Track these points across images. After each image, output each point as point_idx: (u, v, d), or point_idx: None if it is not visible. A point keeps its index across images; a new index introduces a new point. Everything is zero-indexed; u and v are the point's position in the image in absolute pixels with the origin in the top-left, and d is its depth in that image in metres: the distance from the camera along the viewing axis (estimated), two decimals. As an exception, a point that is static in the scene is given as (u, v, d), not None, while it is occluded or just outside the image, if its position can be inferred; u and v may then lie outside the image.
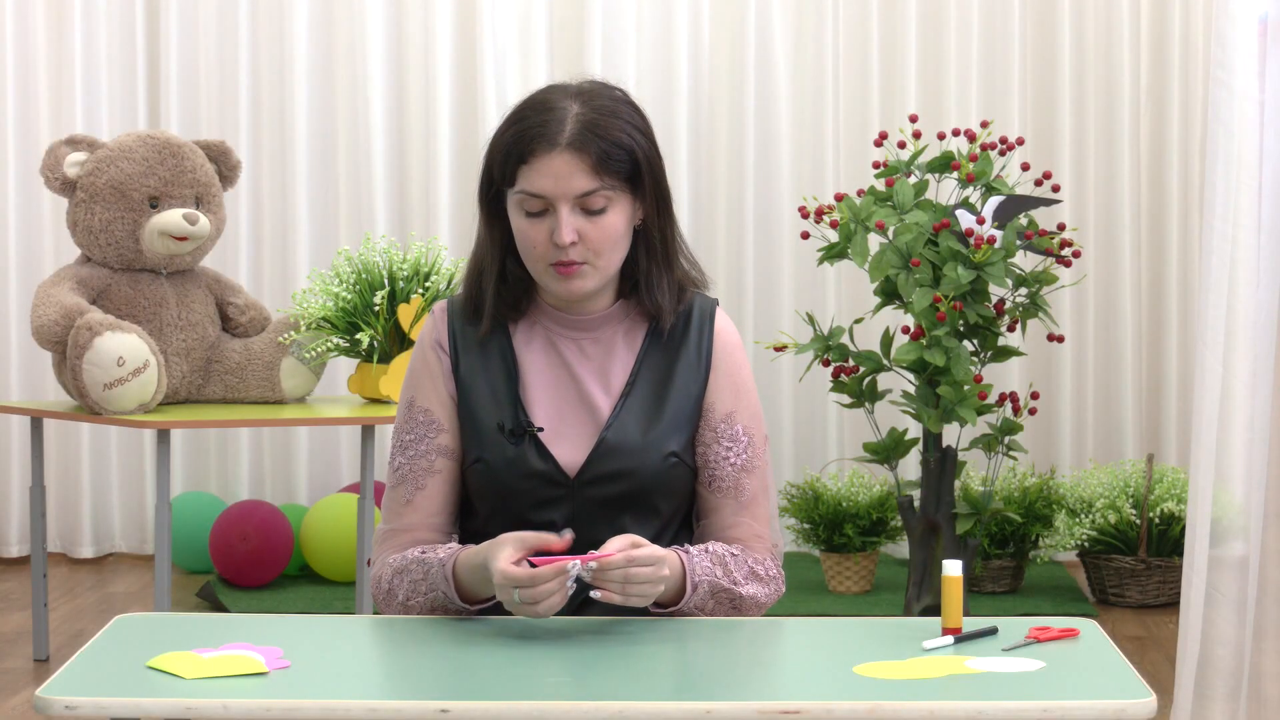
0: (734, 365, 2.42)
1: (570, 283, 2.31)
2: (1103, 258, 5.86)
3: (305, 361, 4.51)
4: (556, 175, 2.26)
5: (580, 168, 2.27)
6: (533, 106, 2.31)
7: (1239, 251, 3.42)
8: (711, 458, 2.39)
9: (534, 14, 5.91)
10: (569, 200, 2.27)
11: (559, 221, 2.27)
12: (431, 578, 2.28)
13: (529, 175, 2.28)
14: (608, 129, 2.28)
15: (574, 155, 2.26)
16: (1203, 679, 3.50)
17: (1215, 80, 3.41)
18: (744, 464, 2.39)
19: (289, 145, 5.94)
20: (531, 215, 2.30)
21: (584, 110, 2.29)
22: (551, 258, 2.30)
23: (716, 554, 2.32)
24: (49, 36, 5.96)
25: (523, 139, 2.28)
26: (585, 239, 2.29)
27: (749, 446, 2.39)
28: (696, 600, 2.28)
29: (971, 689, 1.96)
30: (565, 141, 2.26)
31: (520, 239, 2.32)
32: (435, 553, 2.31)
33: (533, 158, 2.27)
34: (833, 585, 5.34)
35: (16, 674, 4.53)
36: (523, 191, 2.29)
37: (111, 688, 1.95)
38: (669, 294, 2.39)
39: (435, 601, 2.29)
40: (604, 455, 2.34)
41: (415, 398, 2.41)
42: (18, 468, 5.94)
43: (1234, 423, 3.44)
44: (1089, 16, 5.85)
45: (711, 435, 2.39)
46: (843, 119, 5.88)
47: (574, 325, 2.40)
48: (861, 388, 4.57)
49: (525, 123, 2.29)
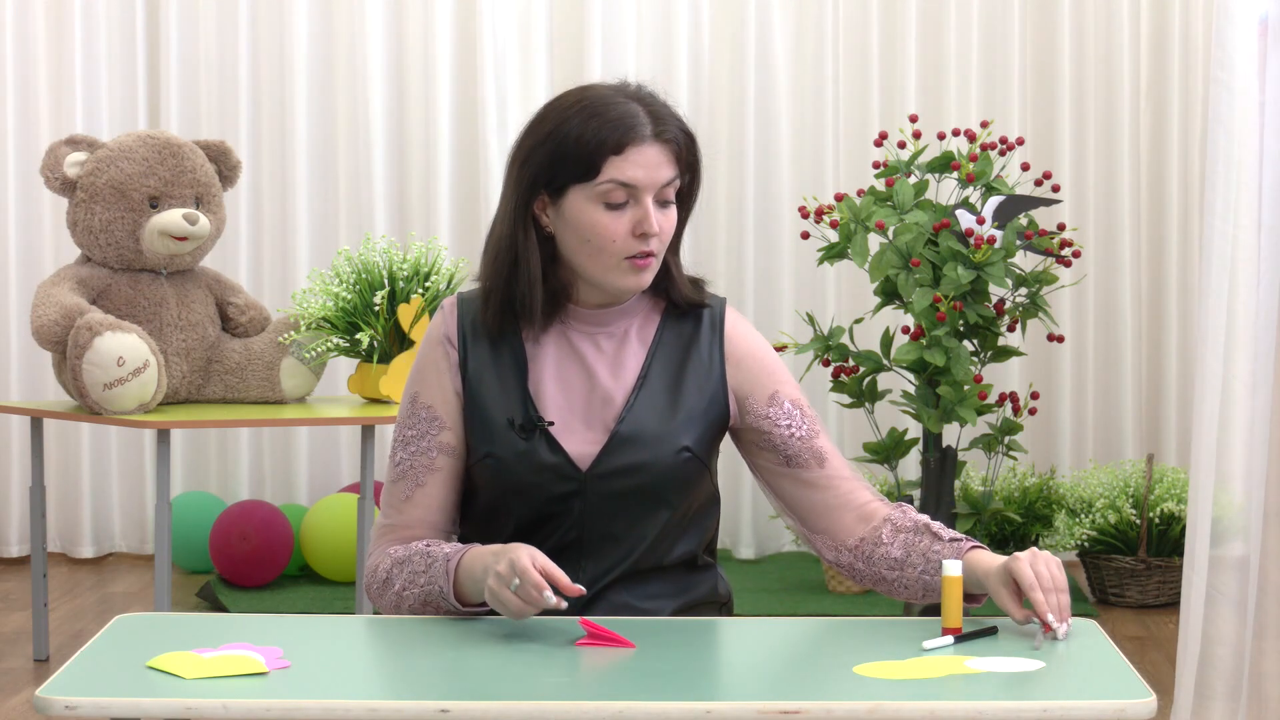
0: (756, 351, 2.44)
1: (643, 275, 2.34)
2: (1103, 258, 5.85)
3: (305, 361, 4.51)
4: (648, 165, 2.30)
5: (667, 158, 2.32)
6: (599, 102, 2.33)
7: (1239, 251, 3.43)
8: (778, 440, 2.40)
9: (534, 14, 5.91)
10: (655, 190, 2.32)
11: (646, 211, 2.31)
12: (433, 570, 2.28)
13: (621, 165, 2.29)
14: (679, 122, 2.35)
15: (663, 146, 2.31)
16: (1203, 679, 3.50)
17: (1215, 80, 3.41)
18: (808, 431, 2.41)
19: (289, 145, 5.94)
20: (612, 208, 2.31)
21: (648, 106, 2.33)
22: (629, 250, 2.32)
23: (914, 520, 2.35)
24: (49, 36, 5.96)
25: (611, 131, 2.29)
26: (661, 230, 2.33)
27: (803, 415, 2.41)
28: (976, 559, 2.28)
29: (971, 689, 1.96)
30: (653, 133, 2.31)
31: (597, 232, 2.31)
32: (441, 547, 2.31)
33: (627, 148, 2.29)
34: (833, 585, 5.34)
35: (16, 674, 4.53)
36: (612, 181, 2.30)
37: (111, 688, 1.95)
38: (689, 284, 2.43)
39: (429, 595, 2.28)
40: (617, 448, 2.34)
41: (419, 393, 2.41)
42: (18, 468, 5.94)
43: (1234, 423, 3.44)
44: (1089, 16, 5.85)
45: (768, 422, 2.40)
46: (843, 119, 5.88)
47: (588, 319, 2.40)
48: (861, 388, 4.57)
49: (603, 116, 2.30)
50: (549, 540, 2.33)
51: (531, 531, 2.34)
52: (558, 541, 2.34)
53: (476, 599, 2.24)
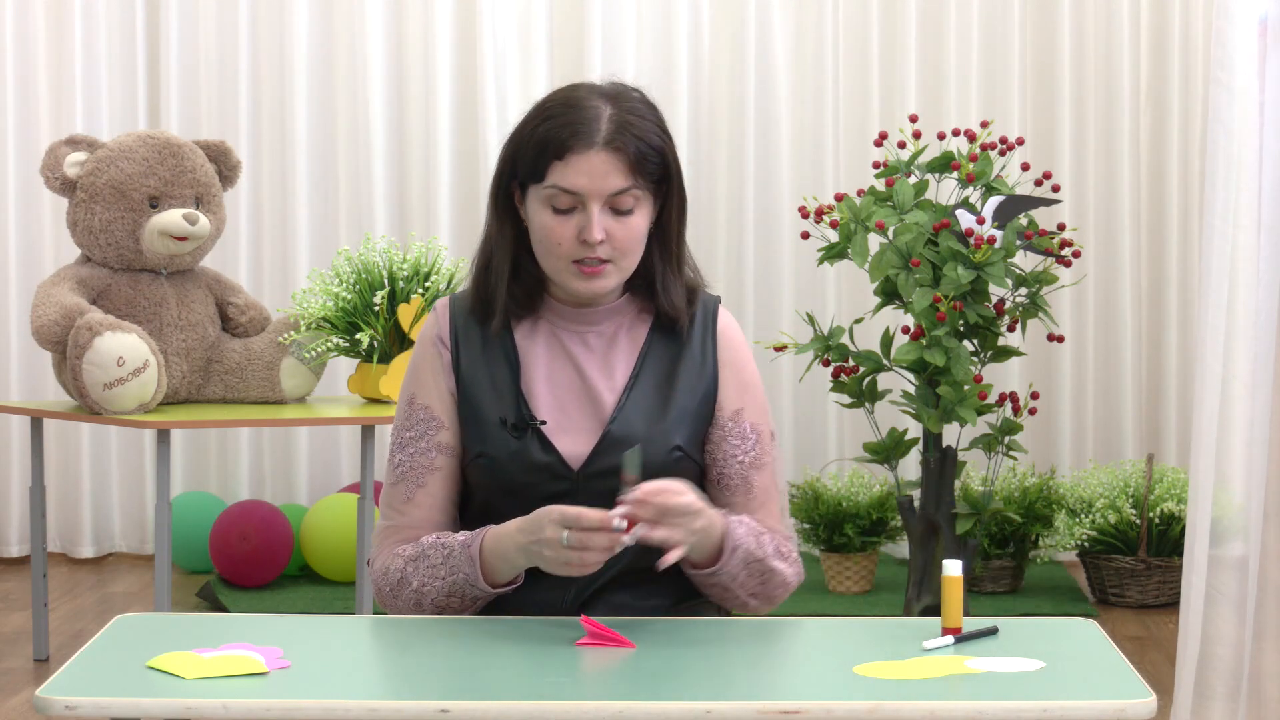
0: (739, 362, 2.43)
1: (593, 282, 2.32)
2: (1103, 258, 5.85)
3: (305, 361, 4.51)
4: (593, 173, 2.27)
5: (616, 167, 2.28)
6: (564, 103, 2.31)
7: (1239, 251, 3.43)
8: (720, 456, 2.39)
9: (534, 14, 5.91)
10: (601, 199, 2.28)
11: (590, 219, 2.28)
12: (453, 560, 2.28)
13: (564, 171, 2.28)
14: (642, 130, 2.30)
15: (611, 154, 2.28)
16: (1203, 679, 3.50)
17: (1215, 80, 3.41)
18: (752, 461, 2.39)
19: (289, 145, 5.94)
20: (559, 212, 2.30)
21: (616, 110, 2.30)
22: (576, 255, 2.30)
23: (751, 526, 2.33)
24: (49, 36, 5.96)
25: (559, 134, 2.28)
26: (612, 239, 2.30)
27: (757, 443, 2.40)
28: (733, 565, 2.28)
29: (971, 689, 1.96)
30: (603, 140, 2.28)
31: (544, 235, 2.32)
32: (454, 538, 2.31)
33: (570, 154, 2.28)
34: (833, 585, 5.34)
35: (16, 674, 4.53)
36: (555, 187, 2.29)
37: (111, 688, 1.95)
38: (682, 296, 2.40)
39: (453, 586, 2.28)
40: (609, 447, 2.33)
41: (415, 394, 2.41)
42: (18, 468, 5.94)
43: (1234, 423, 3.44)
44: (1089, 17, 5.85)
45: (720, 434, 2.40)
46: (843, 119, 5.88)
47: (578, 319, 2.40)
48: (861, 388, 4.57)
49: (559, 119, 2.29)
50: None
51: None
52: None
53: (507, 575, 2.25)
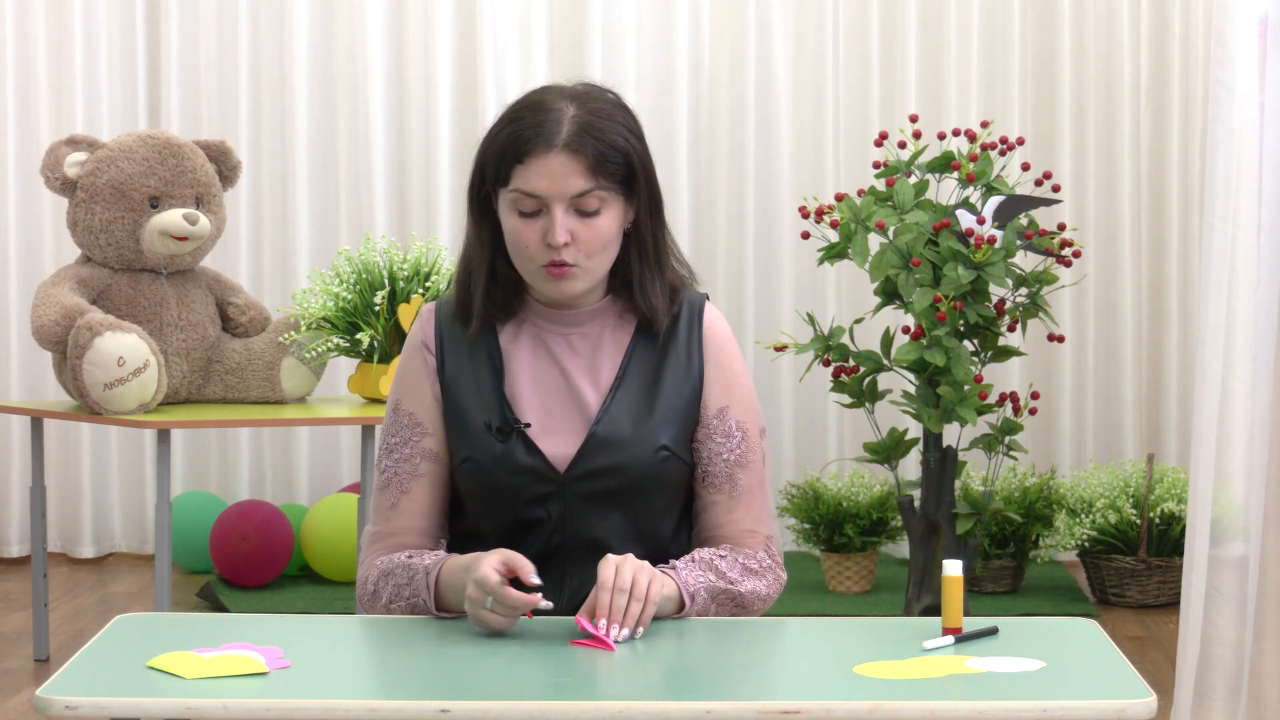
0: (725, 359, 2.42)
1: (561, 284, 2.32)
2: (1103, 258, 5.85)
3: (305, 361, 4.51)
4: (552, 175, 2.27)
5: (576, 169, 2.27)
6: (528, 107, 2.32)
7: (1239, 251, 3.43)
8: (705, 453, 2.39)
9: (534, 14, 5.91)
10: (564, 201, 2.28)
11: (553, 222, 2.28)
12: (415, 584, 2.29)
13: (524, 175, 2.28)
14: (604, 131, 2.29)
15: (571, 156, 2.27)
16: (1203, 679, 3.50)
17: (1215, 80, 3.41)
18: (737, 459, 2.39)
19: (289, 145, 5.94)
20: (525, 215, 2.30)
21: (580, 112, 2.29)
22: (544, 258, 2.30)
23: (704, 560, 2.32)
24: (49, 36, 5.96)
25: (519, 139, 2.28)
26: (578, 240, 2.29)
27: (743, 441, 2.39)
28: (697, 609, 2.28)
29: (971, 689, 1.96)
30: (562, 142, 2.27)
31: (512, 239, 2.32)
32: (421, 559, 2.31)
33: (529, 157, 2.27)
34: (833, 585, 5.34)
35: (16, 674, 4.53)
36: (518, 191, 2.29)
37: (111, 688, 1.95)
38: (662, 297, 2.39)
39: (414, 608, 2.30)
40: (594, 449, 2.33)
41: (401, 400, 2.41)
42: (18, 468, 5.94)
43: (1234, 423, 3.44)
44: (1089, 16, 5.85)
45: (705, 431, 2.39)
46: (843, 119, 5.88)
47: (562, 321, 2.40)
48: (861, 388, 4.57)
49: (521, 123, 2.29)
50: (532, 548, 2.31)
51: (514, 539, 2.33)
52: (541, 549, 2.33)
53: (459, 608, 2.25)
